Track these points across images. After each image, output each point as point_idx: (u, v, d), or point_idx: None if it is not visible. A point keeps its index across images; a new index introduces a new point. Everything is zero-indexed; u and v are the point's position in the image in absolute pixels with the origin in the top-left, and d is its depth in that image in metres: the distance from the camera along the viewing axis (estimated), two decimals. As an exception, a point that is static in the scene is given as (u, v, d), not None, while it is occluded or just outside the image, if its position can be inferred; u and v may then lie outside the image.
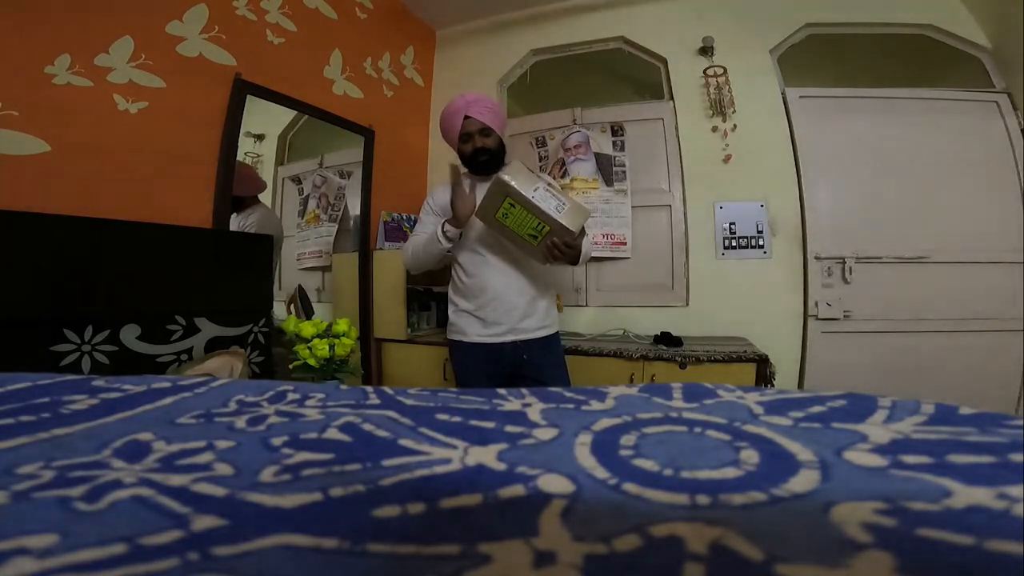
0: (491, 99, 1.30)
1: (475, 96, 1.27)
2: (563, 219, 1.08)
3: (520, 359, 1.28)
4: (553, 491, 0.28)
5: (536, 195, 1.07)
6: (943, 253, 1.89)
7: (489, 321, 1.27)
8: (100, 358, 1.07)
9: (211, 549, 0.22)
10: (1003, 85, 1.93)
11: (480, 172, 1.30)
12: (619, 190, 2.19)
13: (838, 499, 0.25)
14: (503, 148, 1.31)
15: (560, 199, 1.10)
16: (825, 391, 0.44)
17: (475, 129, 1.25)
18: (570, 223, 1.09)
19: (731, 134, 2.08)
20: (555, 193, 1.10)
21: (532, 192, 1.07)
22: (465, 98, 1.26)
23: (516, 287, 1.28)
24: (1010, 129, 1.88)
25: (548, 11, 2.43)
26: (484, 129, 1.25)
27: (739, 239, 2.06)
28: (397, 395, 0.50)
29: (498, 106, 1.31)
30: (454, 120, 1.26)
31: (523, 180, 1.08)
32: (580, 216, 1.11)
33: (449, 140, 1.32)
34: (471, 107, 1.25)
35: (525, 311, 1.28)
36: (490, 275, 1.27)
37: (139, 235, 1.18)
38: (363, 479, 0.30)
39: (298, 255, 1.97)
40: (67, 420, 0.41)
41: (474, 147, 1.26)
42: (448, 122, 1.28)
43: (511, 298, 1.27)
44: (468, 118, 1.24)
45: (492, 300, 1.26)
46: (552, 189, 1.10)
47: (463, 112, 1.25)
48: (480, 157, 1.27)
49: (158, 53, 1.36)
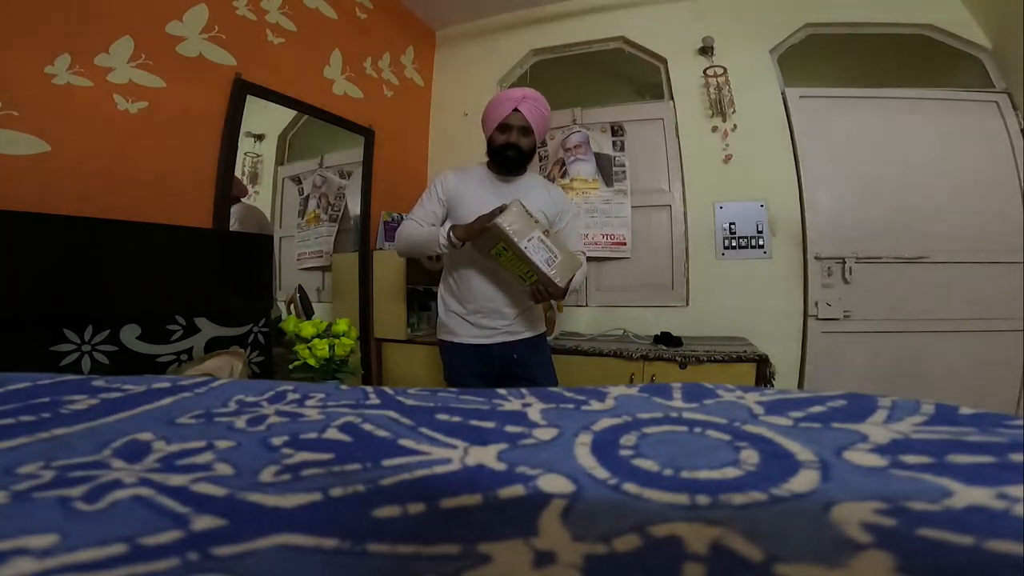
0: (545, 103, 1.27)
1: (533, 94, 1.24)
2: (551, 273, 1.10)
3: (509, 359, 1.30)
4: (553, 491, 0.28)
5: (529, 246, 1.09)
6: (943, 253, 1.89)
7: (479, 323, 1.28)
8: (100, 358, 1.07)
9: (211, 549, 0.22)
10: (1003, 85, 1.93)
11: (503, 167, 1.28)
12: (619, 190, 2.19)
13: (838, 499, 0.25)
14: (533, 154, 1.30)
15: (552, 252, 1.11)
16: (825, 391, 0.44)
17: (518, 124, 1.22)
18: (558, 277, 1.11)
19: (731, 134, 2.08)
20: (548, 245, 1.11)
21: (525, 243, 1.08)
22: (523, 91, 1.24)
23: (507, 296, 1.28)
24: (1010, 129, 1.88)
25: (548, 11, 2.43)
26: (526, 128, 1.23)
27: (739, 239, 2.06)
28: (397, 395, 0.50)
29: (548, 112, 1.28)
30: (503, 107, 1.23)
31: (519, 228, 1.08)
32: (569, 270, 1.13)
33: (486, 126, 1.28)
34: (525, 102, 1.22)
35: (515, 317, 1.29)
36: (483, 282, 1.27)
37: (139, 235, 1.18)
38: (363, 479, 0.30)
39: (298, 255, 1.97)
40: (67, 420, 0.41)
41: (507, 140, 1.23)
42: (496, 108, 1.24)
43: (502, 306, 1.27)
44: (516, 111, 1.22)
45: (483, 307, 1.27)
46: (545, 242, 1.11)
47: (515, 104, 1.22)
48: (508, 152, 1.24)
49: (158, 53, 1.36)
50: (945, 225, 1.89)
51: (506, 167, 1.27)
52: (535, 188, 1.32)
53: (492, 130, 1.25)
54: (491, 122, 1.25)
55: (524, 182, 1.31)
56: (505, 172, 1.29)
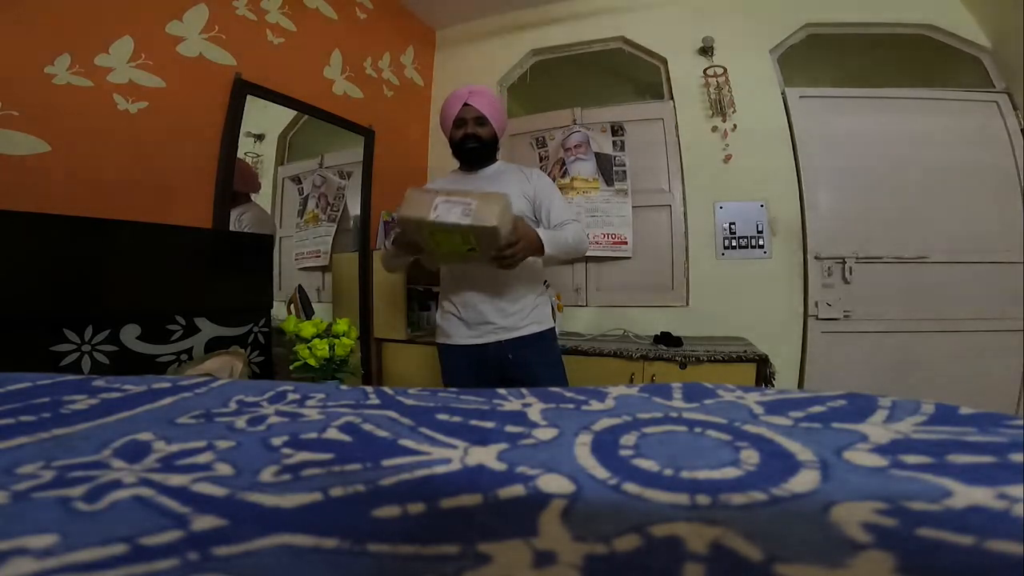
0: (494, 94, 1.30)
1: (480, 88, 1.27)
2: (475, 221, 0.91)
3: (504, 359, 1.23)
4: (553, 491, 0.28)
5: (439, 212, 0.93)
6: (943, 253, 1.89)
7: (472, 322, 1.24)
8: (100, 358, 1.07)
9: (211, 549, 0.22)
10: (1003, 85, 1.93)
11: (469, 162, 1.30)
12: (619, 190, 2.19)
13: (838, 499, 0.25)
14: (495, 144, 1.29)
15: (465, 202, 0.93)
16: (825, 391, 0.44)
17: (471, 116, 1.24)
18: (485, 220, 0.91)
19: (731, 134, 2.08)
20: (458, 199, 0.94)
21: (433, 212, 0.93)
22: (469, 88, 1.26)
23: (495, 284, 1.22)
24: (1010, 129, 1.88)
25: (548, 11, 2.43)
26: (480, 118, 1.24)
27: (739, 239, 2.06)
28: (397, 395, 0.50)
29: (499, 101, 1.31)
30: (453, 105, 1.25)
31: (418, 205, 0.95)
32: (492, 209, 0.92)
33: (445, 127, 1.29)
34: (473, 96, 1.24)
35: (506, 309, 1.23)
36: (469, 273, 1.24)
37: (139, 235, 1.18)
38: (363, 479, 0.30)
39: (297, 255, 1.97)
40: (67, 420, 0.41)
41: (465, 132, 1.25)
42: (447, 109, 1.27)
43: (490, 297, 1.23)
44: (467, 106, 1.24)
45: (472, 299, 1.23)
46: (453, 197, 0.95)
47: (463, 99, 1.24)
48: (468, 143, 1.25)
49: (158, 53, 1.36)
50: (945, 225, 1.89)
51: (471, 159, 1.28)
52: (507, 174, 1.30)
53: (450, 129, 1.27)
54: (447, 121, 1.27)
55: (493, 171, 1.31)
56: (472, 165, 1.30)
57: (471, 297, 1.24)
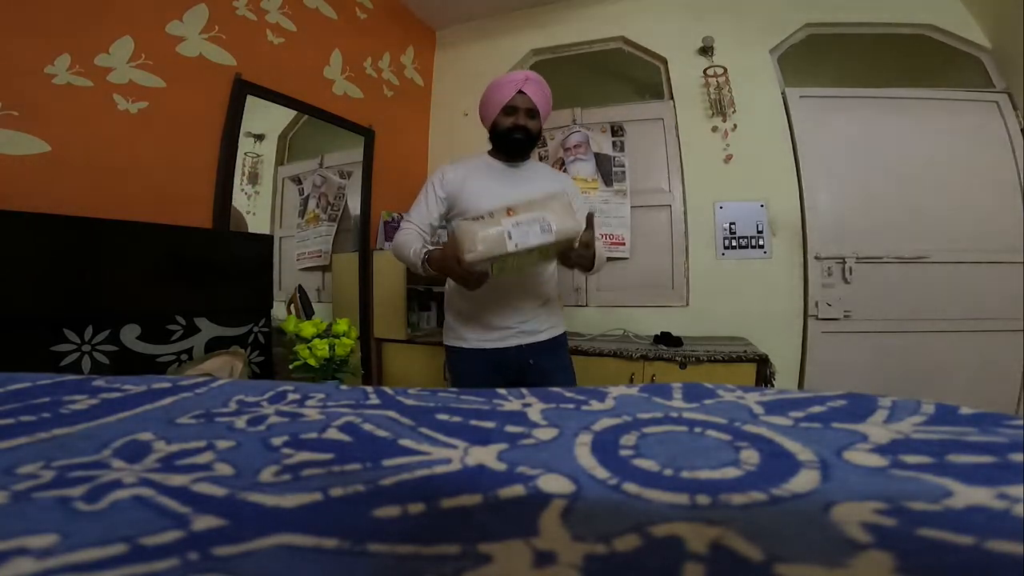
0: (549, 89, 1.19)
1: (536, 76, 1.16)
2: (559, 236, 0.88)
3: (526, 364, 1.17)
4: (553, 491, 0.28)
5: (516, 240, 0.85)
6: (943, 253, 1.88)
7: (493, 325, 1.16)
8: (100, 358, 1.07)
9: (211, 549, 0.22)
10: (1003, 85, 1.93)
11: (509, 153, 1.19)
12: (619, 190, 2.19)
13: (838, 499, 0.25)
14: (539, 139, 1.21)
15: (537, 218, 0.87)
16: (825, 391, 0.44)
17: (524, 106, 1.14)
18: (567, 229, 0.89)
19: (731, 134, 2.08)
20: (526, 216, 0.88)
21: (510, 243, 0.85)
22: (525, 73, 1.15)
23: (523, 287, 1.16)
24: (1010, 129, 1.88)
25: (548, 11, 2.43)
26: (532, 111, 1.15)
27: (739, 239, 2.06)
28: (397, 395, 0.50)
29: (550, 95, 1.20)
30: (506, 89, 1.14)
31: (487, 240, 0.85)
32: (564, 213, 0.90)
33: (488, 109, 1.18)
34: (529, 84, 1.14)
35: (532, 312, 1.17)
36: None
37: (139, 235, 1.18)
38: (363, 479, 0.30)
39: (297, 255, 1.97)
40: (67, 420, 0.41)
41: (515, 122, 1.14)
42: (498, 91, 1.15)
43: (517, 299, 1.16)
44: (521, 93, 1.14)
45: (497, 301, 1.15)
46: (519, 216, 0.88)
47: (519, 86, 1.14)
48: (515, 135, 1.15)
49: (158, 53, 1.36)
50: (945, 225, 1.89)
51: (515, 152, 1.18)
52: (542, 171, 1.25)
53: (496, 114, 1.16)
54: (495, 105, 1.16)
55: (531, 167, 1.24)
56: (513, 157, 1.20)
57: (494, 301, 1.16)
